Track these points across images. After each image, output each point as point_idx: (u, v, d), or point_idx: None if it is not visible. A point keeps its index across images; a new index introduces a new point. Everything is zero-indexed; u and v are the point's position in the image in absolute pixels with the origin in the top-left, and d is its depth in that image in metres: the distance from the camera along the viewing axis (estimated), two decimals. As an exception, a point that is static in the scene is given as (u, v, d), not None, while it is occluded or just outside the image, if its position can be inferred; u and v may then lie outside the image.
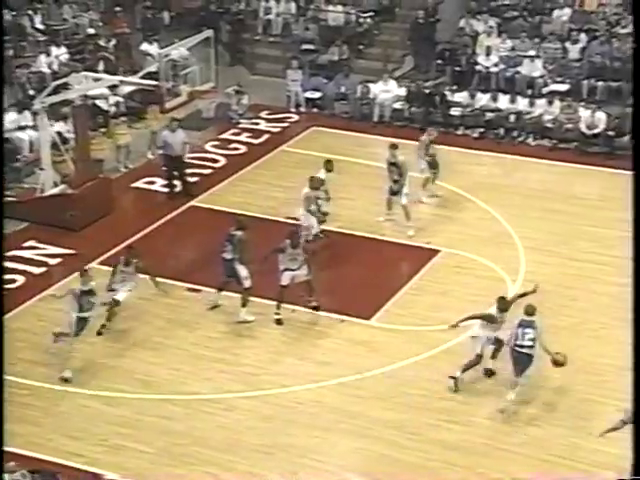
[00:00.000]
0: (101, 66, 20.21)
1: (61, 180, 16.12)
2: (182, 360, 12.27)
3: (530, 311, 11.35)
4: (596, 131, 18.62)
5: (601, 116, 18.64)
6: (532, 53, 20.74)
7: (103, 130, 17.55)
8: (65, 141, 16.57)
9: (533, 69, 20.49)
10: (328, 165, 15.03)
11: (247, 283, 12.90)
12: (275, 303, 13.01)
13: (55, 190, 15.95)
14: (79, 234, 15.42)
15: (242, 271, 12.91)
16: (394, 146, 15.47)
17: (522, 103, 19.61)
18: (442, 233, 15.35)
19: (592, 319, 12.87)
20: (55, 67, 20.01)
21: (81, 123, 16.03)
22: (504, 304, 11.63)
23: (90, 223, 15.66)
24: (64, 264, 14.54)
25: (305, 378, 11.90)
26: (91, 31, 21.76)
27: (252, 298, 13.07)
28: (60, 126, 17.12)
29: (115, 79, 17.55)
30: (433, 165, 16.33)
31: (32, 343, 12.40)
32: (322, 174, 14.89)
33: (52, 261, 14.69)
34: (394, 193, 15.35)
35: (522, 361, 11.12)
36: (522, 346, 11.09)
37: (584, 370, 11.71)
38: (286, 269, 12.89)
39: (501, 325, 11.60)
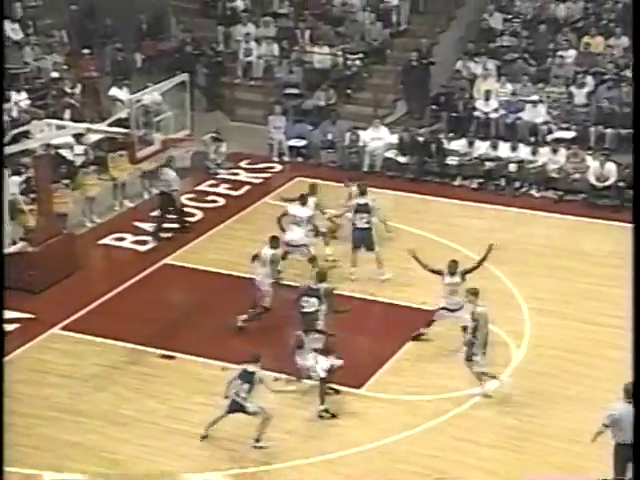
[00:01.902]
0: (66, 113, 20.48)
1: (20, 237, 16.22)
2: (153, 435, 12.25)
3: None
4: (607, 183, 18.92)
5: (611, 167, 18.97)
6: (535, 98, 21.17)
7: (66, 182, 17.75)
8: (27, 193, 16.73)
9: (536, 115, 20.90)
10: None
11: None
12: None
13: (13, 248, 16.03)
14: (39, 296, 15.50)
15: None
16: (363, 187, 16.01)
17: (524, 151, 19.96)
18: (438, 292, 15.48)
19: (604, 388, 12.92)
20: (14, 114, 20.24)
21: (43, 175, 16.20)
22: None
23: (52, 284, 15.75)
24: (22, 330, 14.55)
25: (290, 454, 11.88)
26: (55, 75, 22.07)
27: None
28: (19, 178, 17.32)
29: (81, 127, 17.77)
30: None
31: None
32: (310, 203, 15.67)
33: (9, 327, 14.62)
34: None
35: None
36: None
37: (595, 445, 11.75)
38: None
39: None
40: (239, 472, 11.54)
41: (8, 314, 14.78)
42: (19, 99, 20.62)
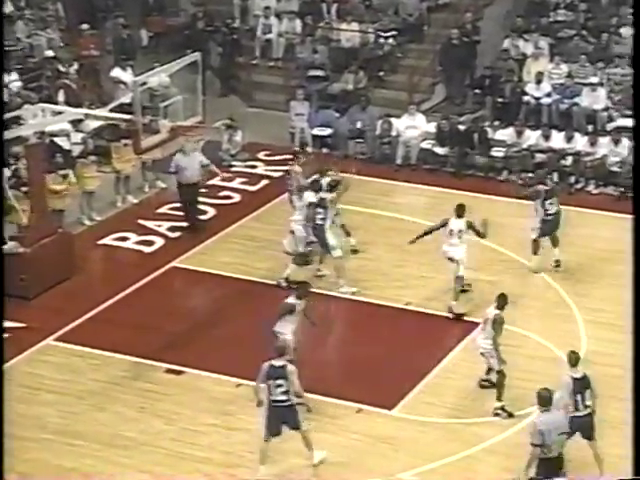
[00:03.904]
0: (61, 96, 20.65)
1: (10, 236, 16.37)
2: (158, 460, 12.32)
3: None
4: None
5: (681, 160, 18.88)
6: (594, 80, 21.09)
7: (63, 173, 17.89)
8: (18, 186, 16.88)
9: (595, 100, 20.82)
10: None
11: None
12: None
13: (2, 248, 16.18)
14: (31, 303, 15.65)
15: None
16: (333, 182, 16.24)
17: (581, 142, 19.91)
18: (482, 302, 15.46)
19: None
20: (4, 97, 20.42)
21: (36, 165, 16.35)
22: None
23: (46, 289, 15.89)
24: (12, 341, 14.63)
25: (313, 483, 11.96)
26: (50, 53, 22.23)
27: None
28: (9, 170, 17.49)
29: (79, 112, 17.94)
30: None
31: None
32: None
33: (-3, 337, 14.85)
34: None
35: None
36: None
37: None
38: None
39: None
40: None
41: (-3, 323, 15.01)
42: (10, 80, 20.79)
